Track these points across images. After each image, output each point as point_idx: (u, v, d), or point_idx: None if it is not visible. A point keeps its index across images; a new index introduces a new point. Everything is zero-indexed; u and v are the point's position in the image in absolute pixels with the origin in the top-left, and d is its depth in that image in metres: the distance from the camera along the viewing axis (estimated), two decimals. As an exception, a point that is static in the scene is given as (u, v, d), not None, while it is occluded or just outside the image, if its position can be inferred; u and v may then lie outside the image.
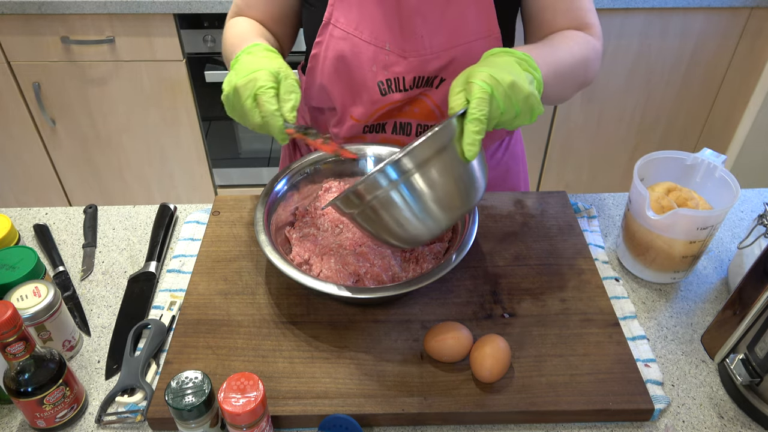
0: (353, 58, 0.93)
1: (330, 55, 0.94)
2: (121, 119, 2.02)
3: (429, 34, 0.92)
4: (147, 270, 0.95)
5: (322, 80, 0.97)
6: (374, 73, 0.94)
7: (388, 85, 0.95)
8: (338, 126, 1.03)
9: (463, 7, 0.91)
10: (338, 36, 0.93)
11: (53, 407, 0.72)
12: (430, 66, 0.94)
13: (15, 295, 0.77)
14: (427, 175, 0.71)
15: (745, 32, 1.95)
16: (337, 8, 0.92)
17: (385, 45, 0.92)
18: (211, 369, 0.78)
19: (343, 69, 0.95)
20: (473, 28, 0.92)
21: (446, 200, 0.74)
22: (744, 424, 0.76)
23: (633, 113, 2.12)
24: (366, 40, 0.92)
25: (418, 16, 0.91)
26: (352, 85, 0.96)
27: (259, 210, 0.87)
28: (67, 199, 2.23)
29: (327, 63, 0.95)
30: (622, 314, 0.88)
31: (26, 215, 1.07)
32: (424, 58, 0.93)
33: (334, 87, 0.97)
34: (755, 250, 0.86)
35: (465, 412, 0.74)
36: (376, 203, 0.73)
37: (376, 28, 0.92)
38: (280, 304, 0.87)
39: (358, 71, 0.95)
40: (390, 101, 0.97)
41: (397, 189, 0.71)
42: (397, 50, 0.93)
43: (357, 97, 0.98)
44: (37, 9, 1.75)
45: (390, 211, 0.73)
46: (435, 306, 0.87)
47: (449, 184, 0.73)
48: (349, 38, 0.92)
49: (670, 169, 0.95)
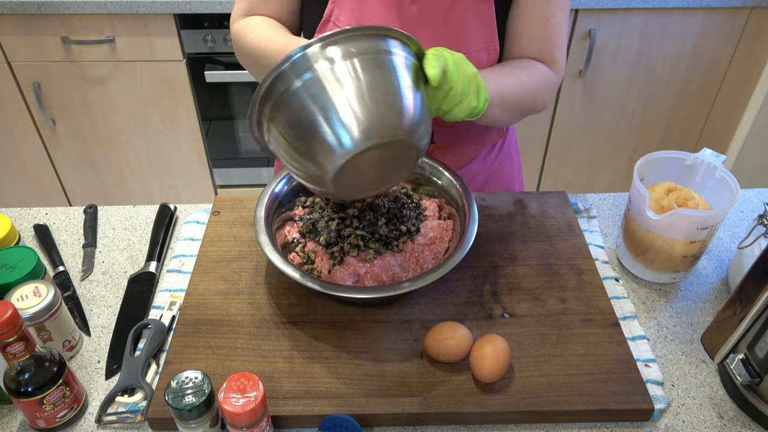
0: None
1: None
2: (121, 119, 2.02)
3: (428, 43, 0.92)
4: (147, 270, 0.95)
5: None
6: None
7: None
8: None
9: (464, 18, 0.91)
10: None
11: (53, 407, 0.72)
12: None
13: (15, 295, 0.77)
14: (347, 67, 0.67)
15: (745, 32, 1.95)
16: (338, 6, 0.92)
17: None
18: (211, 369, 0.78)
19: None
20: (473, 39, 0.93)
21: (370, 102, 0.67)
22: (744, 424, 0.76)
23: (633, 113, 2.12)
24: None
25: (420, 25, 0.91)
26: None
27: (259, 210, 0.87)
28: (67, 199, 2.23)
29: None
30: (622, 314, 0.88)
31: (26, 215, 1.07)
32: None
33: None
34: (755, 250, 0.86)
35: (465, 412, 0.74)
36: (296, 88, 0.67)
37: None
38: (280, 304, 0.87)
39: None
40: None
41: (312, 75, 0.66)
42: None
43: None
44: (37, 9, 1.75)
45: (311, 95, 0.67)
46: (435, 306, 0.87)
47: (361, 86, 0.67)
48: None
49: (670, 169, 0.95)
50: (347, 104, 0.67)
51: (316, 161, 0.70)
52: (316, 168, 0.70)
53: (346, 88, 0.67)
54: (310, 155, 0.70)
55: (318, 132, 0.67)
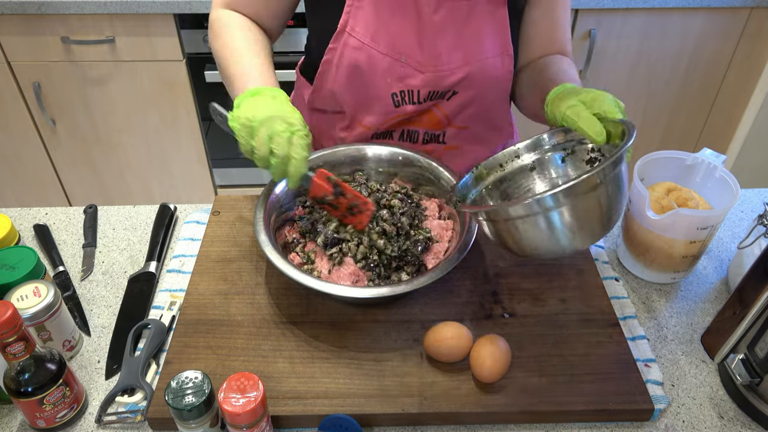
0: (368, 69, 0.93)
1: (344, 64, 0.93)
2: (121, 119, 2.02)
3: (447, 51, 0.92)
4: (147, 270, 0.95)
5: (333, 86, 0.97)
6: (388, 85, 0.94)
7: (402, 96, 0.96)
8: (347, 131, 1.03)
9: (480, 25, 0.92)
10: (353, 45, 0.92)
11: (53, 407, 0.72)
12: (446, 81, 0.94)
13: (15, 295, 0.77)
14: (575, 208, 0.71)
15: (745, 32, 1.95)
16: (353, 16, 0.91)
17: (400, 57, 0.92)
18: (211, 369, 0.78)
19: (356, 78, 0.94)
20: (489, 45, 0.94)
21: (587, 230, 0.74)
22: (744, 424, 0.76)
23: (633, 113, 2.12)
24: (382, 51, 0.92)
25: (439, 33, 0.91)
26: (365, 94, 0.96)
27: (259, 210, 0.87)
28: (67, 199, 2.23)
29: (340, 71, 0.94)
30: (622, 314, 0.88)
31: (26, 215, 1.07)
32: (441, 74, 0.94)
33: (346, 94, 0.97)
34: (755, 250, 0.86)
35: (465, 412, 0.74)
36: (519, 222, 0.73)
37: (393, 41, 0.91)
38: (280, 304, 0.87)
39: (372, 82, 0.94)
40: (402, 113, 0.98)
41: (543, 215, 0.71)
42: (413, 63, 0.93)
43: (369, 106, 0.98)
44: (37, 9, 1.75)
45: (529, 231, 0.73)
46: (435, 306, 0.87)
47: (592, 217, 0.73)
48: (364, 48, 0.91)
49: (670, 169, 0.95)
50: (587, 228, 0.73)
51: (537, 251, 0.76)
52: (521, 253, 0.78)
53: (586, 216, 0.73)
54: (533, 248, 0.76)
55: (553, 242, 0.74)
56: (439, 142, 1.04)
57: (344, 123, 1.03)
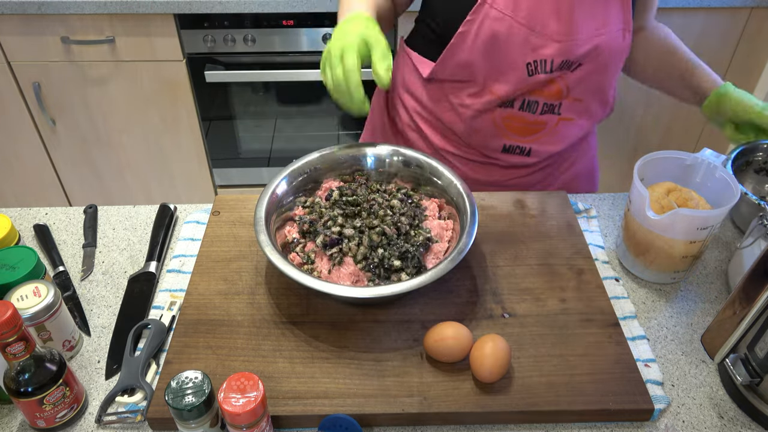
0: (506, 39, 0.95)
1: (483, 34, 0.96)
2: (121, 119, 2.02)
3: (583, 20, 0.96)
4: (147, 270, 0.95)
5: (469, 57, 0.99)
6: (524, 54, 0.97)
7: (535, 66, 0.98)
8: (475, 98, 1.04)
9: (609, 0, 0.97)
10: (494, 17, 0.94)
11: (53, 407, 0.72)
12: (578, 51, 0.97)
13: (15, 295, 0.77)
14: None
15: (745, 32, 1.95)
16: None
17: (536, 27, 0.95)
18: (211, 369, 0.79)
19: (494, 48, 0.97)
20: (616, 17, 0.98)
21: None
22: (744, 424, 0.76)
23: (633, 113, 2.12)
24: (521, 22, 0.94)
25: (575, 5, 0.94)
26: (500, 64, 0.98)
27: (259, 210, 0.87)
28: (67, 199, 2.23)
29: (478, 41, 0.96)
30: (622, 314, 0.88)
31: (26, 215, 1.07)
32: (575, 43, 0.96)
33: (481, 64, 0.99)
34: (755, 250, 0.86)
35: (465, 412, 0.74)
36: None
37: (533, 10, 0.94)
38: (280, 304, 0.87)
39: (510, 52, 0.97)
40: (534, 81, 1.00)
41: None
42: (549, 33, 0.95)
43: (503, 75, 1.00)
44: (37, 9, 1.75)
45: None
46: (435, 306, 0.87)
47: None
48: (505, 19, 0.94)
49: (670, 169, 0.95)
50: None
51: None
52: None
53: None
54: None
55: None
56: (554, 113, 1.06)
57: (473, 89, 1.03)
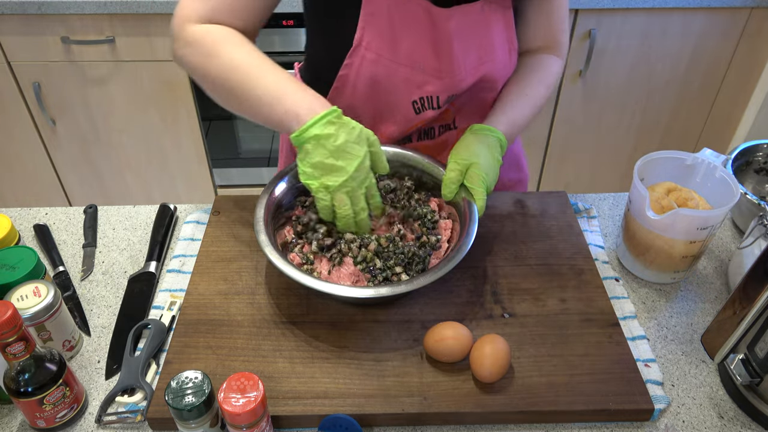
0: (387, 81, 0.92)
1: (362, 78, 0.92)
2: (121, 119, 2.02)
3: (463, 54, 0.93)
4: (147, 270, 0.95)
5: (352, 101, 0.95)
6: (409, 93, 0.94)
7: (422, 103, 0.95)
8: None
9: (490, 25, 0.93)
10: (371, 59, 0.90)
11: (53, 407, 0.72)
12: (463, 84, 0.95)
13: (15, 295, 0.77)
14: None
15: (745, 32, 1.95)
16: (367, 31, 0.88)
17: (418, 65, 0.91)
18: (211, 369, 0.78)
19: (376, 91, 0.94)
20: (499, 43, 0.95)
21: None
22: (744, 424, 0.76)
23: (633, 113, 2.12)
24: (400, 62, 0.91)
25: (454, 38, 0.91)
26: (385, 105, 0.96)
27: (259, 210, 0.87)
28: (67, 199, 2.23)
29: (359, 86, 0.93)
30: (622, 314, 0.88)
31: (26, 215, 1.07)
32: (459, 77, 0.94)
33: (365, 108, 0.96)
34: (755, 250, 0.86)
35: (465, 412, 0.74)
36: None
37: (410, 50, 0.90)
38: (280, 304, 0.87)
39: (393, 93, 0.94)
40: (424, 119, 0.97)
41: None
42: (430, 70, 0.92)
43: (390, 116, 0.97)
44: (37, 9, 1.75)
45: None
46: (435, 306, 0.87)
47: None
48: (381, 61, 0.90)
49: (670, 169, 0.95)
50: None
51: None
52: None
53: None
54: None
55: None
56: (452, 128, 1.05)
57: None
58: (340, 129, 0.79)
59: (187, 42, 0.85)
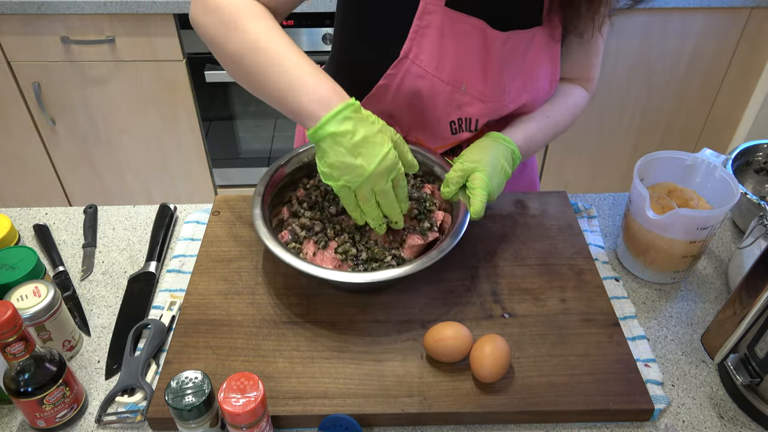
0: (429, 98, 0.90)
1: (404, 90, 0.90)
2: (121, 119, 2.02)
3: (510, 80, 0.92)
4: (147, 270, 0.95)
5: (390, 108, 0.94)
6: (448, 113, 0.92)
7: (459, 124, 0.94)
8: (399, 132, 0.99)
9: (538, 54, 0.93)
10: (416, 73, 0.88)
11: (53, 407, 0.72)
12: (505, 110, 0.94)
13: (15, 295, 0.77)
14: None
15: (745, 32, 1.95)
16: (417, 44, 0.86)
17: (461, 86, 0.90)
18: (211, 369, 0.78)
19: (415, 105, 0.92)
20: (543, 71, 0.95)
21: None
22: (744, 424, 0.76)
23: (633, 113, 2.12)
24: (444, 80, 0.89)
25: (505, 63, 0.90)
26: (423, 120, 0.95)
27: (256, 199, 0.87)
28: (67, 199, 2.23)
29: (400, 96, 0.91)
30: (622, 314, 0.88)
31: (26, 215, 1.07)
32: (503, 103, 0.93)
33: (403, 117, 0.95)
34: (755, 250, 0.86)
35: (465, 412, 0.74)
36: None
37: (457, 69, 0.89)
38: (280, 304, 0.87)
39: (432, 110, 0.92)
40: (458, 139, 0.96)
41: None
42: (473, 92, 0.90)
43: (428, 128, 0.96)
44: (37, 9, 1.75)
45: None
46: (435, 306, 0.87)
47: None
48: (427, 77, 0.88)
49: (670, 169, 0.95)
50: None
51: None
52: None
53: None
54: None
55: None
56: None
57: (396, 128, 0.96)
58: (358, 124, 0.73)
59: (208, 8, 0.78)
